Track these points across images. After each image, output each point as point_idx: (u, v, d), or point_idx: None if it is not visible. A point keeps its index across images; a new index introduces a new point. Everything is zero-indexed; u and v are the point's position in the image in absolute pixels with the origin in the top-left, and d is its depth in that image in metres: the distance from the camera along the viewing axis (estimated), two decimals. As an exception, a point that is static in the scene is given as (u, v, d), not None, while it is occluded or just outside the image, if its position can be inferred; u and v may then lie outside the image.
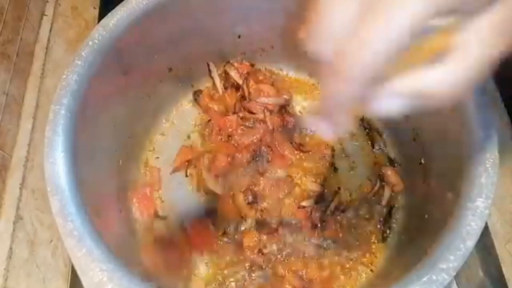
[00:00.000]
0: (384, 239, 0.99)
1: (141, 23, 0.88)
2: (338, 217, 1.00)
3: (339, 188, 1.04)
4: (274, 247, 0.97)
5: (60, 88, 0.78)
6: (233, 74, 1.11)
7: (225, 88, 1.12)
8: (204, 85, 1.16)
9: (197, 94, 1.13)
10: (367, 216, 1.01)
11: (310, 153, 1.06)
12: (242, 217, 1.00)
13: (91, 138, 0.84)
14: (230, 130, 1.07)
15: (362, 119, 1.10)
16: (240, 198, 1.00)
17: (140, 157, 1.08)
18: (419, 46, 0.42)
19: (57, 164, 0.73)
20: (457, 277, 0.96)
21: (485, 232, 0.99)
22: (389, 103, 0.45)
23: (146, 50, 0.95)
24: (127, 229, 0.95)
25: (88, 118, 0.82)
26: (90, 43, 0.83)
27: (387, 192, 1.02)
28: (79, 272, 0.66)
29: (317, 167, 1.05)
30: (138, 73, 0.97)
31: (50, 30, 1.31)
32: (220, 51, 1.10)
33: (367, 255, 0.97)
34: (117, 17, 0.86)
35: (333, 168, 1.06)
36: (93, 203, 0.77)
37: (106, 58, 0.85)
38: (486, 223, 0.98)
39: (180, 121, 1.13)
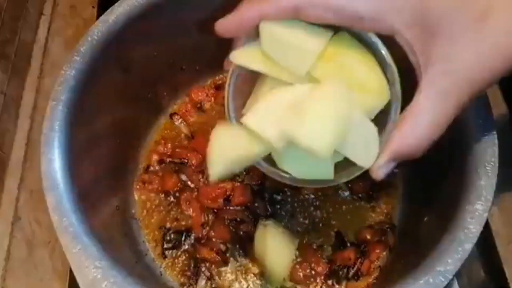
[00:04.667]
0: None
1: (141, 20, 0.88)
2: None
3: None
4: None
5: (58, 84, 0.78)
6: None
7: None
8: (205, 82, 1.15)
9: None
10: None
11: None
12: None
13: (89, 134, 0.84)
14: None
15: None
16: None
17: (139, 154, 1.07)
18: None
19: (54, 160, 0.73)
20: (459, 277, 0.96)
21: (487, 233, 0.99)
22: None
23: (145, 47, 0.95)
24: (124, 227, 0.95)
25: (86, 114, 0.82)
26: (89, 39, 0.83)
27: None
28: (73, 269, 0.66)
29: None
30: (138, 70, 0.96)
31: (48, 30, 1.31)
32: (220, 49, 1.09)
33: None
34: (117, 13, 0.86)
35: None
36: (89, 200, 0.77)
37: (105, 54, 0.84)
38: (488, 224, 0.98)
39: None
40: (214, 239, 0.97)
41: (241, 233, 0.98)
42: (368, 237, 0.97)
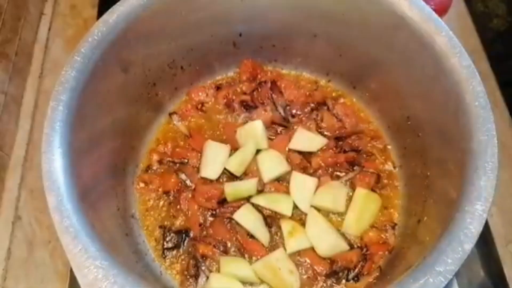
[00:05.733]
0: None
1: (141, 20, 0.88)
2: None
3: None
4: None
5: (59, 84, 0.78)
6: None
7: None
8: (205, 82, 1.16)
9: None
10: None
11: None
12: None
13: (90, 135, 0.84)
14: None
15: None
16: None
17: (139, 154, 1.07)
18: None
19: (55, 160, 0.72)
20: (458, 277, 0.96)
21: (487, 233, 0.99)
22: None
23: (146, 47, 0.95)
24: (124, 227, 0.95)
25: (86, 114, 0.82)
26: (90, 39, 0.83)
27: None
28: (74, 269, 0.66)
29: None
30: (138, 70, 0.97)
31: (49, 30, 1.31)
32: (221, 50, 1.10)
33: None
34: (117, 13, 0.86)
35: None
36: (90, 200, 0.77)
37: (106, 54, 0.84)
38: (488, 224, 0.98)
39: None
40: (212, 237, 0.98)
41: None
42: (373, 238, 0.97)
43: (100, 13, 0.91)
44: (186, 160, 1.06)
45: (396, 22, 0.89)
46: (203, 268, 0.94)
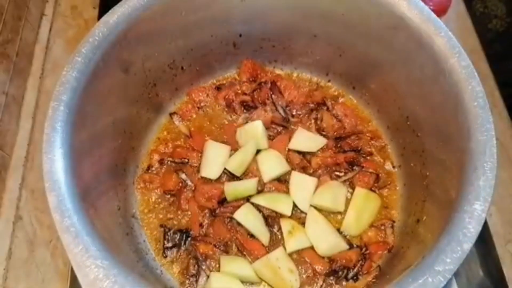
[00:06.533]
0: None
1: (141, 21, 0.89)
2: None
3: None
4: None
5: (60, 85, 0.78)
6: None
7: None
8: (205, 83, 1.16)
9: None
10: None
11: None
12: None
13: (90, 135, 0.84)
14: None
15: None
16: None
17: (140, 154, 1.08)
18: None
19: (55, 160, 0.73)
20: (457, 277, 0.96)
21: (486, 232, 0.99)
22: None
23: (146, 48, 0.95)
24: (125, 226, 0.95)
25: (87, 115, 0.82)
26: (91, 39, 0.83)
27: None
28: (75, 268, 0.66)
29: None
30: (138, 71, 0.97)
31: (50, 30, 1.31)
32: (221, 50, 1.10)
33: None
34: (118, 14, 0.86)
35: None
36: (90, 200, 0.77)
37: (106, 55, 0.85)
38: (487, 224, 0.98)
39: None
40: (213, 237, 0.98)
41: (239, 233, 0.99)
42: (372, 238, 0.98)
43: (101, 14, 0.91)
44: (186, 160, 1.06)
45: (396, 23, 0.89)
46: (203, 267, 0.95)
